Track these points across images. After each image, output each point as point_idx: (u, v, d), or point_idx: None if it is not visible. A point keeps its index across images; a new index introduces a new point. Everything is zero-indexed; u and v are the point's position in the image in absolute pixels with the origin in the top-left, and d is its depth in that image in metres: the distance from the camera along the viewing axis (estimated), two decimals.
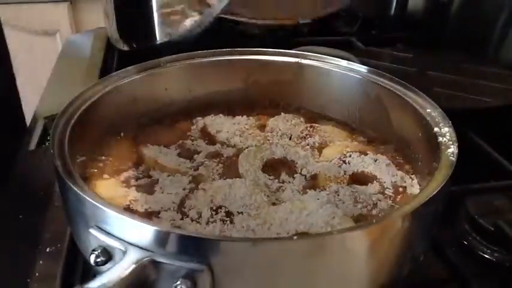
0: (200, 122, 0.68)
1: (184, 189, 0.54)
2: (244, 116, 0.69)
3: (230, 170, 0.58)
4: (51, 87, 0.93)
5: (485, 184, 0.63)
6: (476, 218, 0.57)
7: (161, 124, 0.67)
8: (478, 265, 0.56)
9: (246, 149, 0.61)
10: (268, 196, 0.53)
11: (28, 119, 0.85)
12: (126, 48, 1.03)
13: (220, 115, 0.69)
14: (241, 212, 0.50)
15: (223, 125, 0.66)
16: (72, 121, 0.52)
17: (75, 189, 0.41)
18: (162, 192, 0.53)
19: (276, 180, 0.56)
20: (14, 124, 0.93)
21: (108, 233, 0.40)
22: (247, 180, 0.55)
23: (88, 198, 0.40)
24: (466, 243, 0.58)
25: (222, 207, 0.50)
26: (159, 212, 0.50)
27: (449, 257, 0.55)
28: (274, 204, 0.52)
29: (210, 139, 0.65)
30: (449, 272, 0.55)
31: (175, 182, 0.55)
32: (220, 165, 0.59)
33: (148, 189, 0.54)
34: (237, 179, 0.55)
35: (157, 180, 0.55)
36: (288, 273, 0.38)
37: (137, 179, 0.56)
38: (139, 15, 0.96)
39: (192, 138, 0.64)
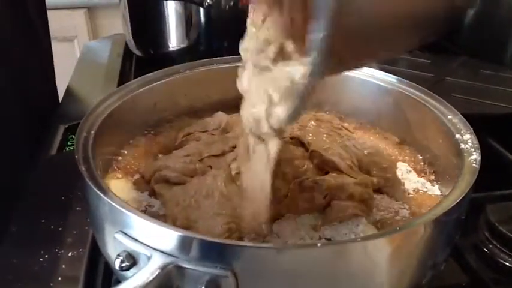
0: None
1: None
2: None
3: None
4: (70, 93, 0.95)
5: (506, 191, 0.63)
6: (497, 225, 0.56)
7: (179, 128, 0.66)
8: (498, 272, 0.56)
9: None
10: None
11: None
12: (141, 54, 1.04)
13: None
14: None
15: None
16: (95, 127, 0.52)
17: (101, 194, 0.42)
18: None
19: None
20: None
21: (133, 238, 0.40)
22: None
23: (114, 204, 0.40)
24: (486, 250, 0.57)
25: None
26: None
27: (469, 264, 0.55)
28: None
29: None
30: (469, 279, 0.54)
31: None
32: None
33: None
34: None
35: None
36: (311, 279, 0.38)
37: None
38: (154, 22, 0.97)
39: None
